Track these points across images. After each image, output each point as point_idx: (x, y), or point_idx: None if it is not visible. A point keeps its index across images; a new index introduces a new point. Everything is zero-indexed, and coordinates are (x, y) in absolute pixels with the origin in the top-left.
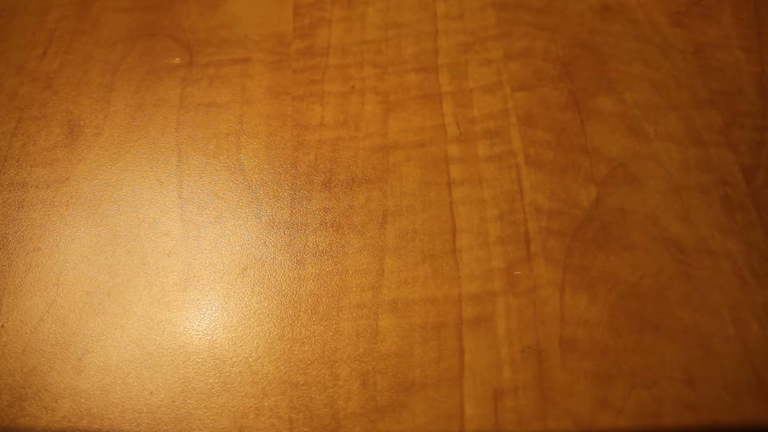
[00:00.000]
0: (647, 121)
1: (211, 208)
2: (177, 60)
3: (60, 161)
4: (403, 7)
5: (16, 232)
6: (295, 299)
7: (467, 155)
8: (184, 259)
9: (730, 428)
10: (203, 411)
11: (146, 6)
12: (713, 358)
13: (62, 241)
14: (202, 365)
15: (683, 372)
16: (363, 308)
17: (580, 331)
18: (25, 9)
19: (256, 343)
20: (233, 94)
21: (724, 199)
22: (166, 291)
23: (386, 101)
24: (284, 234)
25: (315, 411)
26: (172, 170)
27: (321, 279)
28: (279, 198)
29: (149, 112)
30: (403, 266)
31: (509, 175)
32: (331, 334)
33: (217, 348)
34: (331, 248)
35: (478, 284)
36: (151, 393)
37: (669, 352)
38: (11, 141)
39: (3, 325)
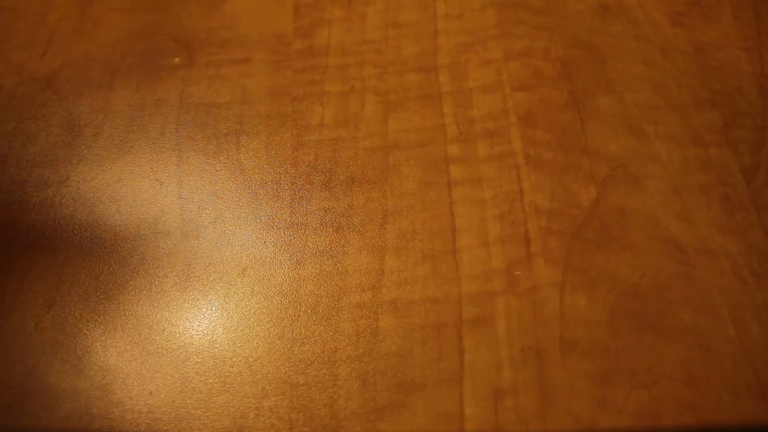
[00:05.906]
0: (647, 121)
1: (211, 208)
2: (177, 60)
3: (60, 161)
4: (403, 7)
5: (16, 232)
6: (295, 299)
7: (467, 155)
8: (184, 259)
9: (730, 428)
10: (203, 411)
11: (146, 6)
12: (713, 358)
13: (62, 241)
14: (202, 365)
15: (683, 372)
16: (363, 308)
17: (579, 331)
18: (25, 9)
19: (256, 343)
20: (233, 94)
21: (724, 199)
22: (165, 291)
23: (386, 101)
24: (284, 234)
25: (315, 411)
26: (172, 170)
27: (321, 279)
28: (279, 198)
29: (149, 112)
30: (403, 266)
31: (509, 175)
32: (331, 334)
33: (217, 348)
34: (331, 248)
35: (478, 284)
36: (151, 393)
37: (669, 352)
38: (11, 141)
39: (3, 326)
